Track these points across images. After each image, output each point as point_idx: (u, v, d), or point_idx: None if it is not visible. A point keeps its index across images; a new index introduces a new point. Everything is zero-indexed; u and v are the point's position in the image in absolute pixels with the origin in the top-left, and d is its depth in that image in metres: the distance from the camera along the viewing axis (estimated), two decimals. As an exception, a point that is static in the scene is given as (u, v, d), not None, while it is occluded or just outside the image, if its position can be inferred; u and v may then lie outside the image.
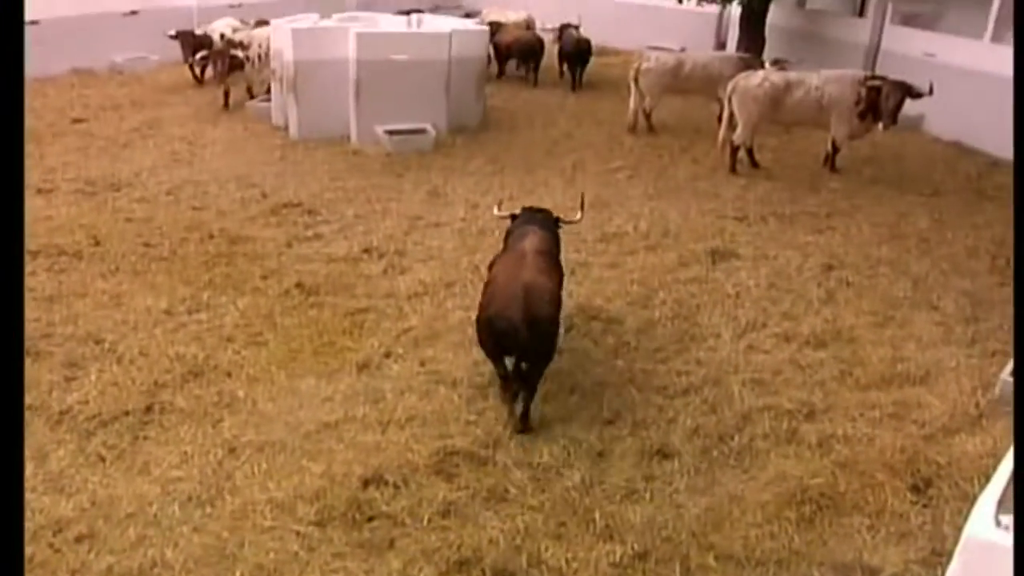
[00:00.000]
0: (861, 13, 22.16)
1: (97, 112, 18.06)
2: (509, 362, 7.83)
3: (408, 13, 19.26)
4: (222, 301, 10.17)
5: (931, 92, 14.34)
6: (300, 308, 10.11)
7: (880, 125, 14.96)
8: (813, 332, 9.73)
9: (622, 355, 9.21)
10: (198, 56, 18.70)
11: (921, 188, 14.92)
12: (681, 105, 19.16)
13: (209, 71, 18.98)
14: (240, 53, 17.66)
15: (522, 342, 7.59)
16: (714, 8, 23.14)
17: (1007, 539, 3.81)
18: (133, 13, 22.43)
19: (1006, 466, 4.21)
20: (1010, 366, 8.71)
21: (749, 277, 11.11)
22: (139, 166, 14.73)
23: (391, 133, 16.03)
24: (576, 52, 22.14)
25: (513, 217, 9.30)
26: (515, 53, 22.10)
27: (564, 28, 23.09)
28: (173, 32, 20.29)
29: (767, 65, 17.00)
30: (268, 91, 17.87)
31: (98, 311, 9.83)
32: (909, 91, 14.55)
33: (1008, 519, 3.85)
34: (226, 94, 18.46)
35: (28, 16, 15.31)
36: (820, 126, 15.58)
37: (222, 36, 20.03)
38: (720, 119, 16.25)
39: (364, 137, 16.15)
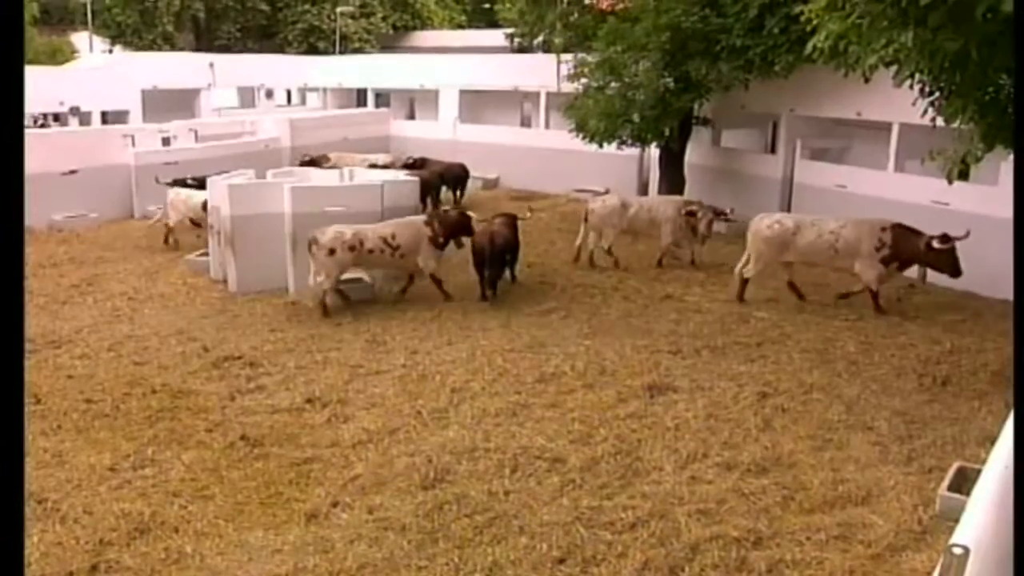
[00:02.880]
0: (773, 150, 22.93)
1: (36, 270, 17.90)
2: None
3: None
4: (167, 456, 9.93)
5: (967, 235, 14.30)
6: (245, 460, 9.90)
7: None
8: (754, 460, 9.70)
9: (567, 493, 9.08)
10: None
11: (846, 313, 15.14)
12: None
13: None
14: None
15: (488, 257, 15.82)
16: (635, 150, 23.72)
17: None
18: (72, 172, 22.47)
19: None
20: (947, 481, 8.77)
21: (687, 409, 11.09)
22: (79, 323, 14.56)
23: (329, 283, 15.96)
24: (454, 176, 25.13)
25: (493, 219, 16.79)
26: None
27: (423, 160, 25.86)
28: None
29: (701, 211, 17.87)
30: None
31: (40, 470, 9.52)
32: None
33: None
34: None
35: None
36: (838, 268, 15.80)
37: None
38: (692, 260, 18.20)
39: (302, 289, 16.11)
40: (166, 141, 25.52)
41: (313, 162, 23.81)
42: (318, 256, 15.16)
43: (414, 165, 24.99)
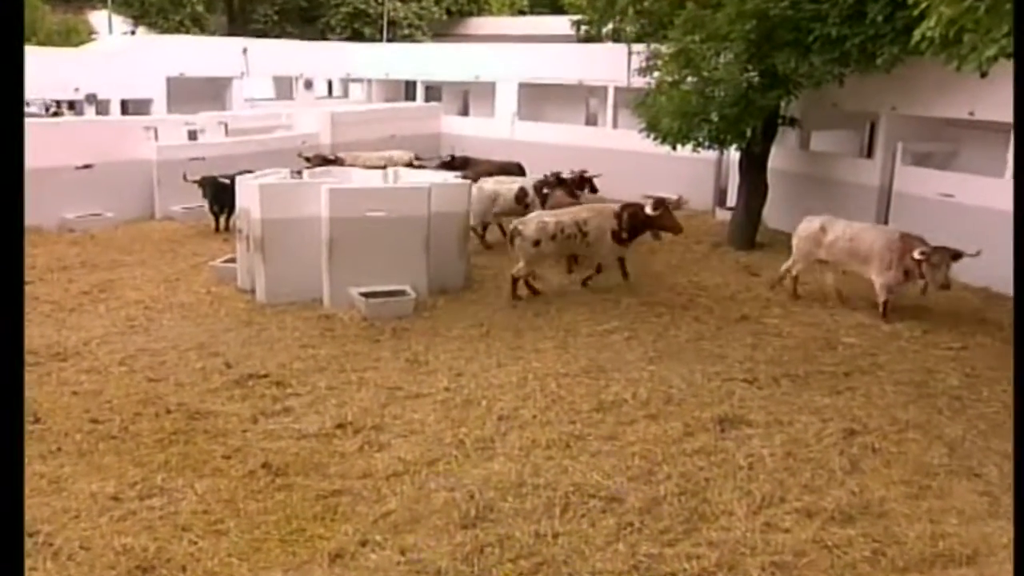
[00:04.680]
0: (869, 154, 22.63)
1: (43, 274, 18.16)
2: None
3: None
4: (178, 484, 9.95)
5: None
6: (266, 491, 9.89)
7: None
8: (838, 507, 9.52)
9: (624, 538, 8.97)
10: None
11: (949, 341, 14.90)
12: (679, 260, 19.40)
13: None
14: None
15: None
16: (712, 154, 23.52)
17: None
18: (86, 167, 22.73)
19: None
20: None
21: (763, 446, 10.95)
22: (89, 333, 14.69)
23: (367, 296, 16.04)
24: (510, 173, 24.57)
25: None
26: None
27: (465, 159, 26.34)
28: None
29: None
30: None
31: (34, 498, 9.52)
32: None
33: None
34: None
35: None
36: None
37: None
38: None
39: (338, 300, 16.17)
40: (193, 135, 25.76)
41: (327, 161, 23.66)
42: (523, 247, 16.95)
43: (453, 165, 24.78)
